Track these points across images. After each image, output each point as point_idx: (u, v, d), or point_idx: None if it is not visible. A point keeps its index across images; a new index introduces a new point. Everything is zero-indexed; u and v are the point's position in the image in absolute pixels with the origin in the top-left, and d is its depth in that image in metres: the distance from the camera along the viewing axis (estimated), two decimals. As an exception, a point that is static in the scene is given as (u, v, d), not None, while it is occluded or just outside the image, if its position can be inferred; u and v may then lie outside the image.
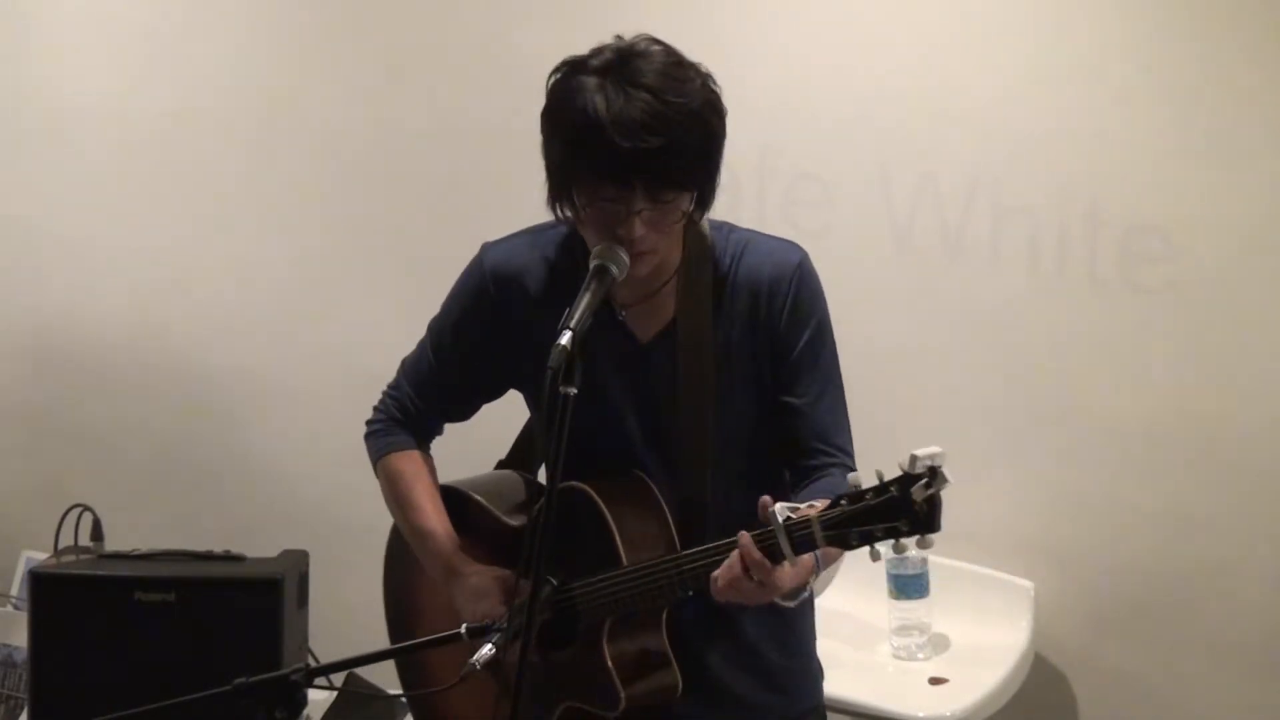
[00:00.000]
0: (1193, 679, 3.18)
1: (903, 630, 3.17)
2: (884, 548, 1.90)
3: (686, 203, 2.08)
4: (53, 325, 4.20)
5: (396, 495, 2.37)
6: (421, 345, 2.38)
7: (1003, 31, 3.22)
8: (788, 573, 1.98)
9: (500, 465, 2.54)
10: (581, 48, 2.12)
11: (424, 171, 3.77)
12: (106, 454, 4.15)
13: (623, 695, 2.15)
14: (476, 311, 2.28)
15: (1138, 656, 3.23)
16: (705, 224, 2.20)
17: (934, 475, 1.84)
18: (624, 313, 2.20)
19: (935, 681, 3.06)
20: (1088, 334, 3.20)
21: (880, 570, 3.17)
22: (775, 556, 1.95)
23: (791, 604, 2.08)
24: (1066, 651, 3.28)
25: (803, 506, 1.94)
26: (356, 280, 3.88)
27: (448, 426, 2.44)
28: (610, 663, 2.15)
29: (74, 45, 4.09)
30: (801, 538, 1.93)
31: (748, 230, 2.25)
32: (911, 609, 3.16)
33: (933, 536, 1.89)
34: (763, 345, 2.19)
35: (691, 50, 2.11)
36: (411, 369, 2.39)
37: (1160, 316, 3.13)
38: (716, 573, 2.00)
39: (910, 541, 1.90)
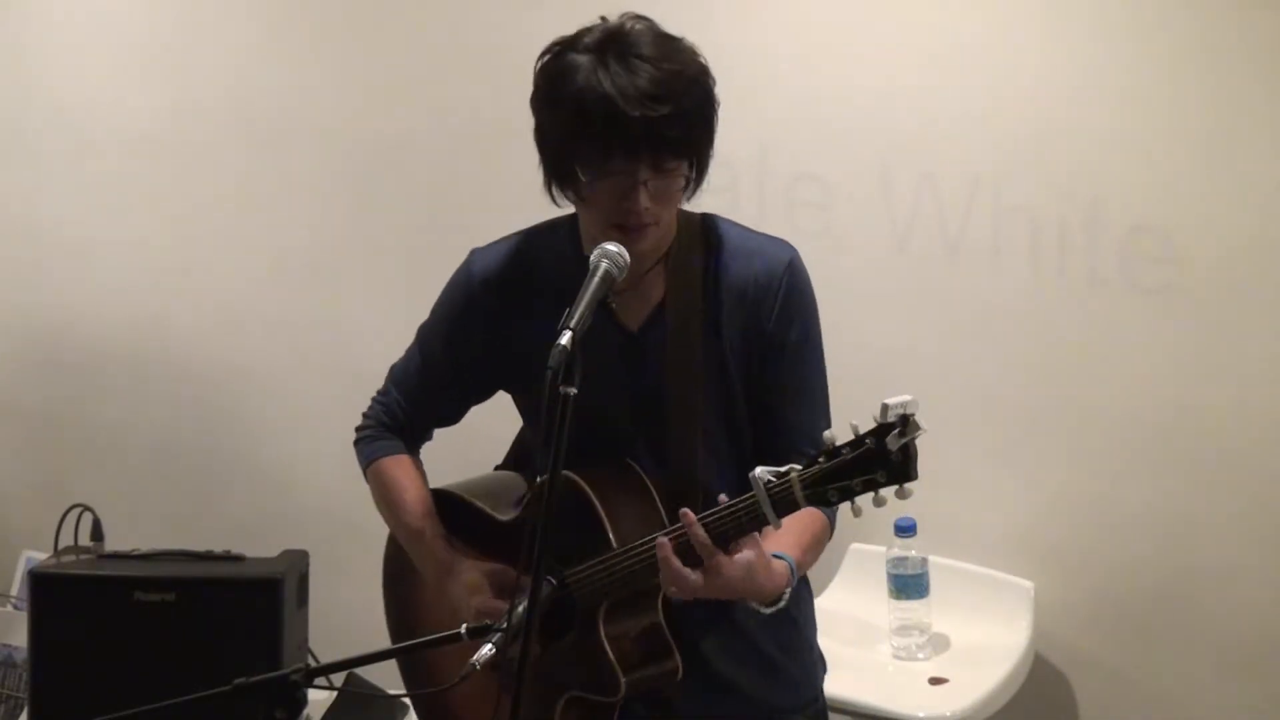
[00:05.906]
0: (1193, 679, 3.18)
1: (903, 630, 3.16)
2: (864, 501, 1.91)
3: (686, 170, 2.09)
4: (53, 325, 4.20)
5: (387, 499, 2.38)
6: (410, 351, 2.40)
7: (1003, 32, 3.21)
8: (739, 564, 2.00)
9: (498, 469, 2.53)
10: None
11: (427, 171, 3.77)
12: (106, 454, 4.15)
13: (622, 680, 2.14)
14: (465, 317, 2.29)
15: (1138, 656, 3.23)
16: (694, 212, 2.22)
17: (906, 423, 1.87)
18: (614, 301, 2.20)
19: (935, 681, 3.06)
20: (1088, 334, 3.19)
21: (880, 570, 3.18)
22: (734, 533, 1.99)
23: (766, 610, 2.10)
24: (1066, 651, 3.28)
25: (784, 469, 1.95)
26: (358, 280, 3.88)
27: (440, 431, 2.45)
28: (608, 647, 2.15)
29: (74, 45, 4.09)
30: (782, 498, 1.95)
31: (740, 225, 2.26)
32: (911, 609, 3.15)
33: (910, 486, 1.90)
34: (750, 341, 2.19)
35: (691, 50, 2.10)
36: (400, 375, 2.41)
37: (1161, 317, 3.12)
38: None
39: (889, 493, 1.91)
